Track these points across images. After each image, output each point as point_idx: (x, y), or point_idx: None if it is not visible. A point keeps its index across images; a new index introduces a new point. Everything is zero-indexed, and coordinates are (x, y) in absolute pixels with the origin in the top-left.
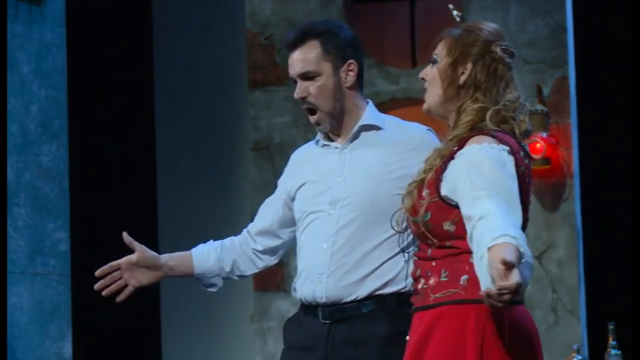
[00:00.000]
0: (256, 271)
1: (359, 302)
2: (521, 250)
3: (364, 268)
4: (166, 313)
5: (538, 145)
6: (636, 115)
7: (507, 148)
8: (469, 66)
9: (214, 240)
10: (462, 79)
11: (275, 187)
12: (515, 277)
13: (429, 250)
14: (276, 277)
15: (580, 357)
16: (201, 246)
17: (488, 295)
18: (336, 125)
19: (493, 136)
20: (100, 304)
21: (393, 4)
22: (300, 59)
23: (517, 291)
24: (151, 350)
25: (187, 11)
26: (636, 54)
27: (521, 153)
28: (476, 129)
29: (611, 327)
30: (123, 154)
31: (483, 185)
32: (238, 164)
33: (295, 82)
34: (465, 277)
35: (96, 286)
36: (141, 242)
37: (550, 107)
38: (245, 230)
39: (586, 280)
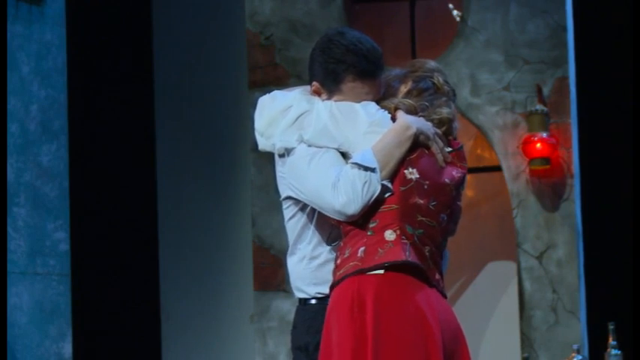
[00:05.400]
0: None
1: None
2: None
3: None
4: (166, 313)
5: (538, 145)
6: (636, 115)
7: None
8: None
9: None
10: None
11: (275, 187)
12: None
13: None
14: (276, 277)
15: (580, 357)
16: None
17: None
18: None
19: None
20: (100, 304)
21: (393, 4)
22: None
23: None
24: (151, 350)
25: (187, 11)
26: (636, 54)
27: None
28: None
29: (611, 327)
30: (123, 154)
31: None
32: (238, 164)
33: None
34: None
35: None
36: (141, 242)
37: (550, 107)
38: None
39: (586, 280)
